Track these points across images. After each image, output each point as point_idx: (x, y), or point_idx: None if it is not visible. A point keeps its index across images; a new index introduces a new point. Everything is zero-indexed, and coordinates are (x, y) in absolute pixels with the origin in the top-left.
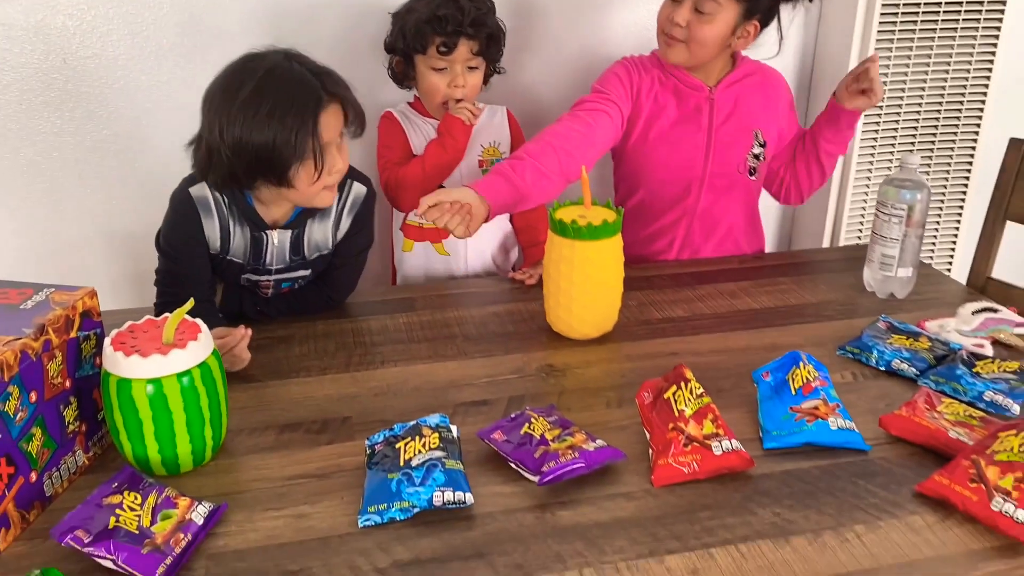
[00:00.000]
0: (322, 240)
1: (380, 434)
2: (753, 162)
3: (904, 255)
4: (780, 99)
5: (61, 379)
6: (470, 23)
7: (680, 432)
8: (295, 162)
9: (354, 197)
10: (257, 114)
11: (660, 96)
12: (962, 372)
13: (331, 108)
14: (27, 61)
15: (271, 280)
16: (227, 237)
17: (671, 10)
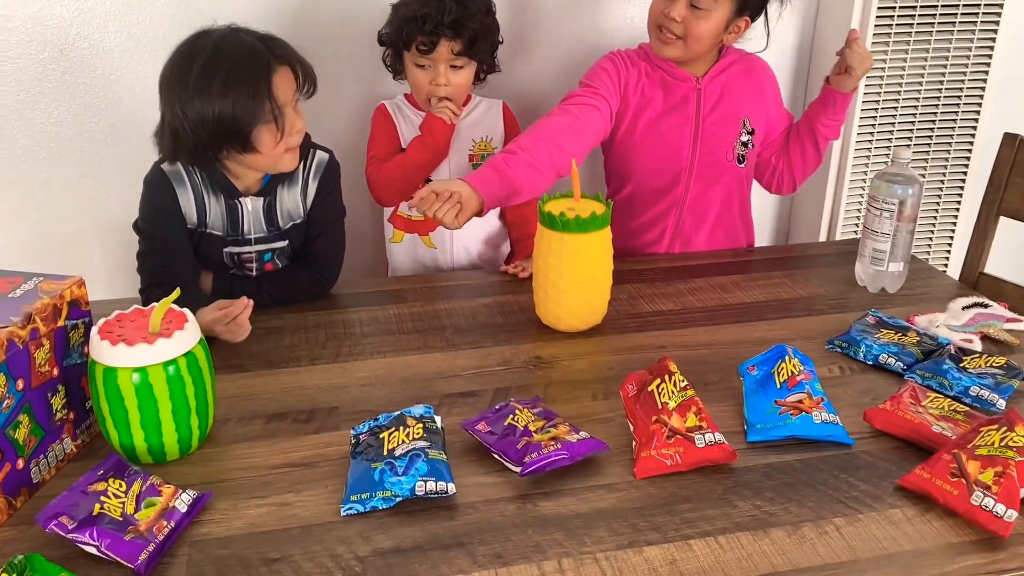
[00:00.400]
0: (293, 208)
1: (365, 424)
2: (741, 149)
3: (895, 250)
4: (766, 86)
5: (49, 367)
6: (449, 24)
7: (663, 424)
8: (255, 125)
9: (318, 162)
10: (212, 86)
11: (647, 88)
12: (949, 367)
13: (281, 71)
14: (24, 51)
15: (252, 252)
16: (203, 208)
17: (666, 5)
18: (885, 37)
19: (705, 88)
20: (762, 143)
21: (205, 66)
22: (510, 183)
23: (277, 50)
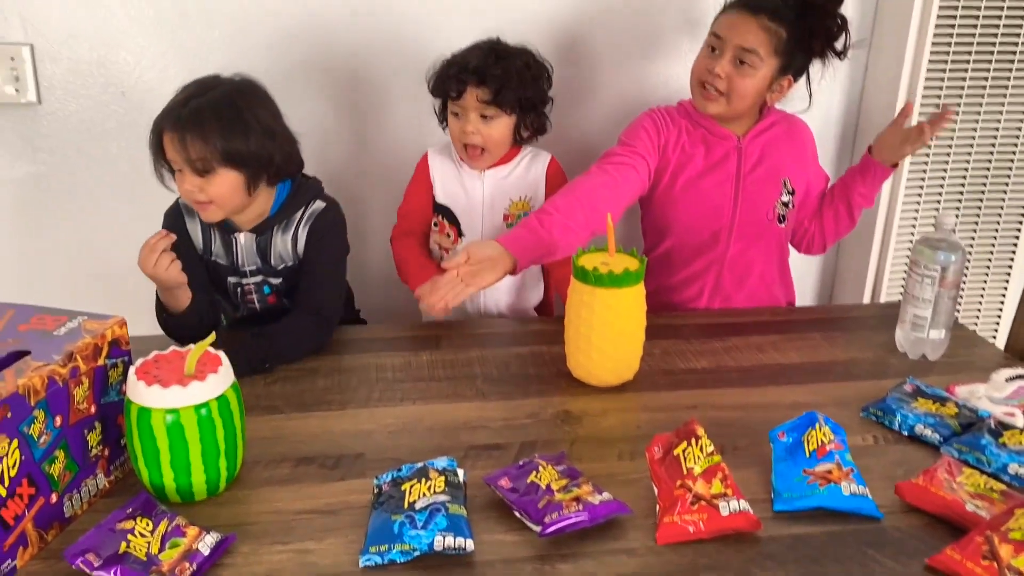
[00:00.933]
0: (284, 251)
1: (388, 474)
2: (782, 210)
3: (937, 317)
4: (807, 146)
5: (87, 404)
6: (473, 70)
7: (688, 490)
8: (158, 166)
9: (312, 210)
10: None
11: (688, 145)
12: (988, 441)
13: (172, 136)
14: (89, 92)
15: (251, 284)
16: (208, 239)
17: (710, 62)
18: (935, 99)
19: (746, 147)
20: (801, 204)
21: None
22: (544, 244)
23: (183, 119)
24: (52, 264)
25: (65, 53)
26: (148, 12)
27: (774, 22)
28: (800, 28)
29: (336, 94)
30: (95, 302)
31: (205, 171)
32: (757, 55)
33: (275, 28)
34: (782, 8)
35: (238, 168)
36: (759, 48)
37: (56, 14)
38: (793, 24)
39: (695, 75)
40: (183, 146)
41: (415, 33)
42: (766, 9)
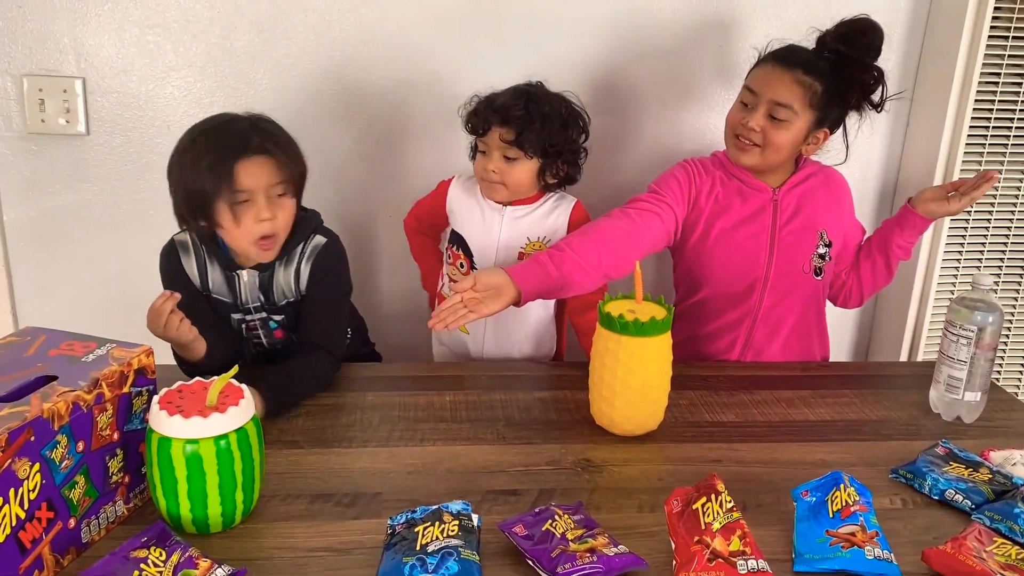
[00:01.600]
0: (287, 287)
1: (402, 515)
2: (819, 262)
3: (972, 378)
4: (843, 199)
5: (110, 431)
6: (496, 109)
7: (705, 546)
8: (215, 201)
9: (313, 246)
10: (188, 156)
11: (722, 197)
12: (1021, 511)
13: (256, 159)
14: (135, 125)
15: (255, 319)
16: (204, 275)
17: (744, 115)
18: (978, 156)
19: (782, 199)
20: (838, 256)
21: (191, 139)
22: (552, 280)
23: (260, 140)
24: (93, 291)
25: (115, 87)
26: (196, 50)
27: (808, 75)
28: (836, 81)
29: (364, 132)
30: (132, 330)
31: (280, 196)
32: (791, 109)
33: (314, 68)
34: (816, 62)
35: (296, 197)
36: (793, 103)
37: (108, 50)
38: (828, 77)
39: (729, 127)
40: (270, 169)
41: (454, 76)
42: (800, 63)
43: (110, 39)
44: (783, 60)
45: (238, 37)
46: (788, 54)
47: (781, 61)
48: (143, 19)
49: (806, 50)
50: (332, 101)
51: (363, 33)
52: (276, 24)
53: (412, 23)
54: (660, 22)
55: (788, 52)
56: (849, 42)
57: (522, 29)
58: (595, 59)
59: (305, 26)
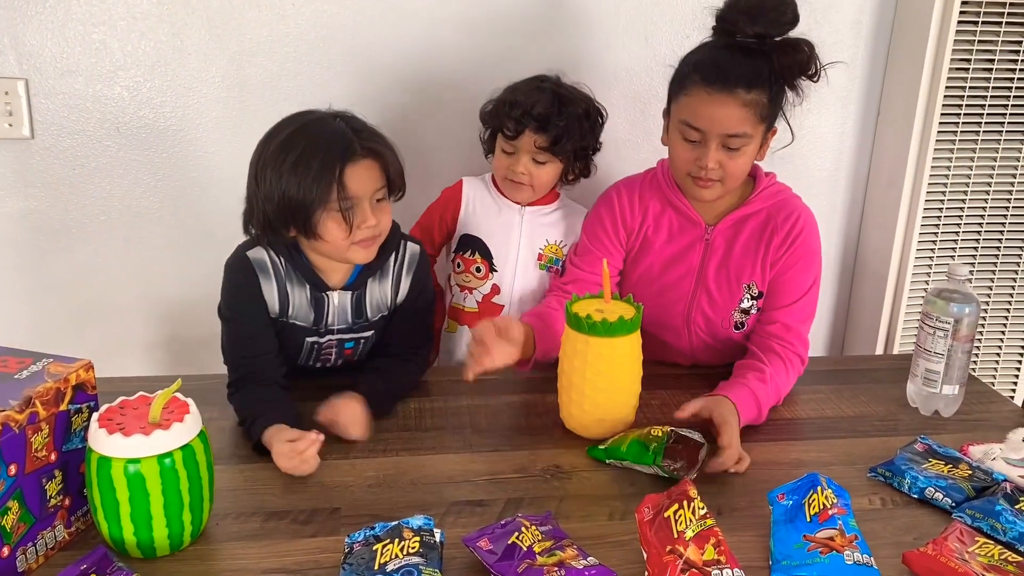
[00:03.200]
0: (382, 300)
1: (361, 532)
2: (740, 316)
3: (950, 371)
4: (783, 243)
5: (46, 452)
6: (536, 116)
7: (679, 556)
8: (318, 210)
9: (410, 255)
10: (286, 161)
11: (652, 231)
12: (1003, 508)
13: (363, 163)
14: (83, 128)
15: (333, 340)
16: (286, 299)
17: (695, 154)
18: (949, 144)
19: (715, 239)
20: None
21: (285, 141)
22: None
23: (366, 142)
24: (41, 302)
25: (60, 88)
26: (145, 48)
27: (752, 91)
28: (774, 76)
29: None
30: (85, 341)
31: (380, 200)
32: (746, 136)
33: (270, 64)
34: (752, 66)
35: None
36: (746, 128)
37: (52, 49)
38: (767, 78)
39: (680, 168)
40: (376, 173)
41: (416, 70)
42: (740, 79)
43: (53, 38)
44: (719, 81)
45: (189, 35)
46: (720, 71)
47: (716, 83)
48: (87, 16)
49: (733, 54)
50: (289, 99)
51: (319, 28)
52: (228, 20)
53: (370, 15)
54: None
55: (718, 68)
56: (757, 19)
57: (484, 22)
58: (567, 56)
59: (259, 22)
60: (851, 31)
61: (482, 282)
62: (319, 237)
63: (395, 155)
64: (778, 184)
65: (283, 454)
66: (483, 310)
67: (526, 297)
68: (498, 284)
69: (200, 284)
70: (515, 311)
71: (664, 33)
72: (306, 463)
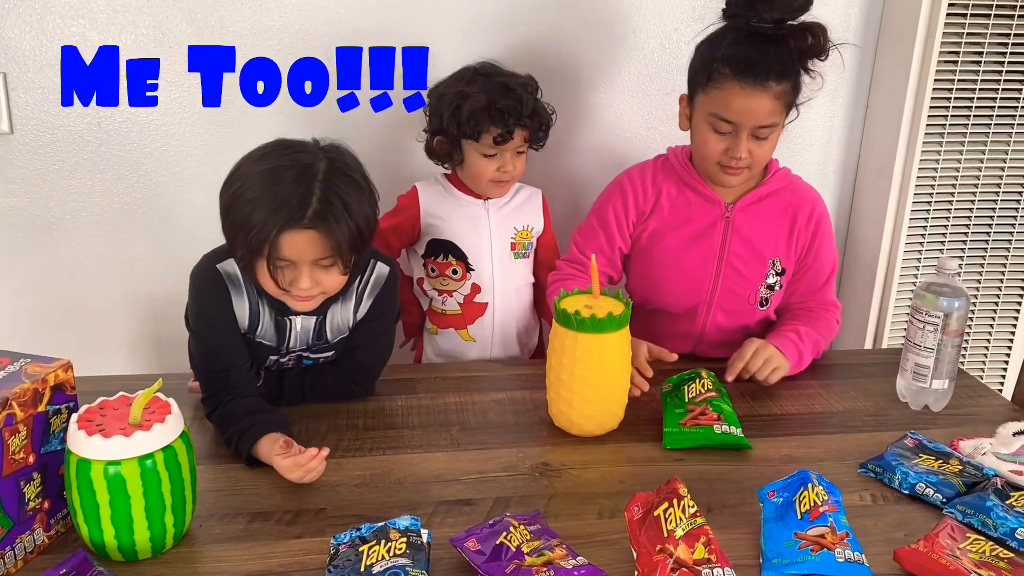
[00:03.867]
0: (343, 323)
1: (347, 533)
2: (766, 292)
3: (940, 366)
4: (811, 225)
5: (24, 454)
6: (528, 113)
7: (668, 555)
8: (253, 258)
9: (376, 277)
10: (245, 190)
11: (671, 211)
12: (993, 503)
13: (306, 233)
14: (63, 123)
15: (292, 358)
16: (256, 318)
17: (726, 144)
18: (938, 138)
19: (735, 217)
20: (795, 284)
21: (257, 170)
22: None
23: (323, 207)
24: (21, 300)
25: (39, 82)
26: (125, 41)
27: (782, 82)
28: (796, 66)
29: (309, 125)
30: (66, 339)
31: (328, 267)
32: (775, 125)
33: (252, 59)
34: (779, 54)
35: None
36: (777, 119)
37: (30, 42)
38: (792, 66)
39: (709, 158)
40: (324, 244)
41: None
42: (771, 72)
43: (31, 31)
44: (750, 74)
45: (170, 28)
46: (751, 64)
47: (748, 77)
48: (66, 9)
49: (758, 46)
50: (275, 92)
51: (303, 20)
52: (211, 13)
53: (353, 7)
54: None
55: (749, 59)
56: (774, 5)
57: (469, 16)
58: (535, 44)
59: (241, 15)
60: (840, 23)
61: (460, 283)
62: (255, 279)
63: (352, 223)
64: (785, 168)
65: (287, 468)
66: (466, 312)
67: (508, 290)
68: (477, 283)
69: (183, 282)
70: (500, 306)
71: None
72: (313, 471)
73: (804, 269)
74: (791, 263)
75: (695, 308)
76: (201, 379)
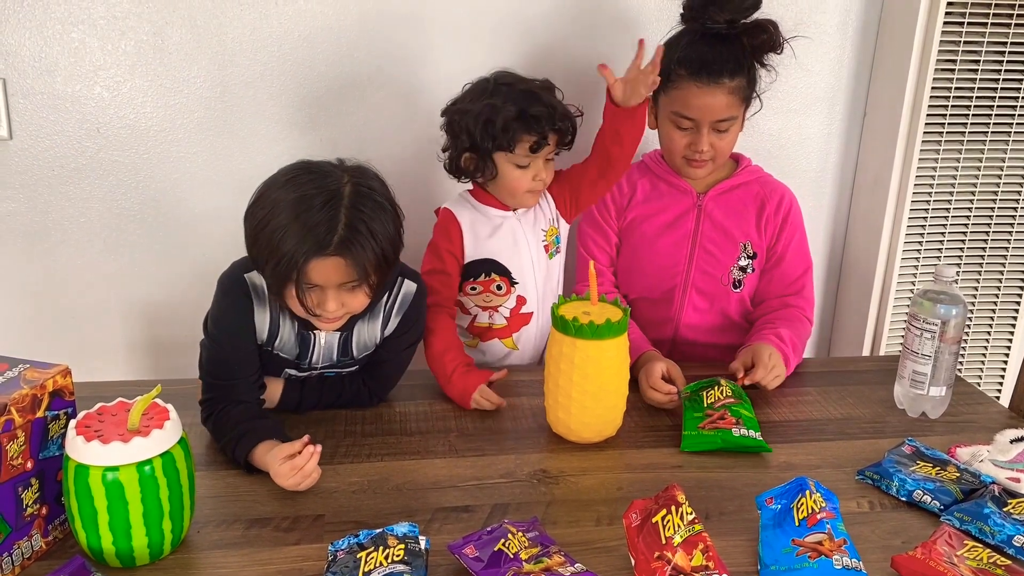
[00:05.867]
0: (370, 339)
1: (345, 540)
2: (738, 274)
3: (937, 373)
4: (780, 218)
5: (22, 460)
6: (560, 117)
7: (667, 562)
8: (281, 282)
9: (403, 295)
10: (272, 218)
11: (646, 202)
12: (991, 510)
13: (332, 260)
14: (62, 128)
15: (313, 372)
16: (275, 330)
17: (689, 139)
18: (935, 145)
19: (707, 205)
20: (767, 277)
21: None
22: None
23: (348, 233)
24: (20, 305)
25: (39, 88)
26: (125, 47)
27: (735, 78)
28: (749, 62)
29: (306, 132)
30: (64, 345)
31: (353, 288)
32: (733, 118)
33: (252, 64)
34: (732, 52)
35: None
36: (734, 112)
37: (30, 48)
38: (744, 62)
39: (675, 152)
40: (350, 269)
41: (401, 70)
42: (724, 70)
43: (31, 37)
44: (705, 73)
45: (170, 34)
46: (704, 64)
47: (703, 76)
48: (66, 15)
49: (712, 46)
50: (272, 100)
51: (302, 28)
52: (211, 19)
53: (355, 14)
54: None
55: (703, 61)
56: (724, 6)
57: (468, 23)
58: (545, 47)
59: (241, 21)
60: (837, 31)
61: (505, 298)
62: (283, 301)
63: (377, 246)
64: (757, 165)
65: (283, 474)
66: (513, 323)
67: (548, 294)
68: (523, 295)
69: (181, 287)
70: (541, 312)
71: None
72: (308, 477)
73: (775, 258)
74: (762, 248)
75: (672, 291)
76: (205, 381)
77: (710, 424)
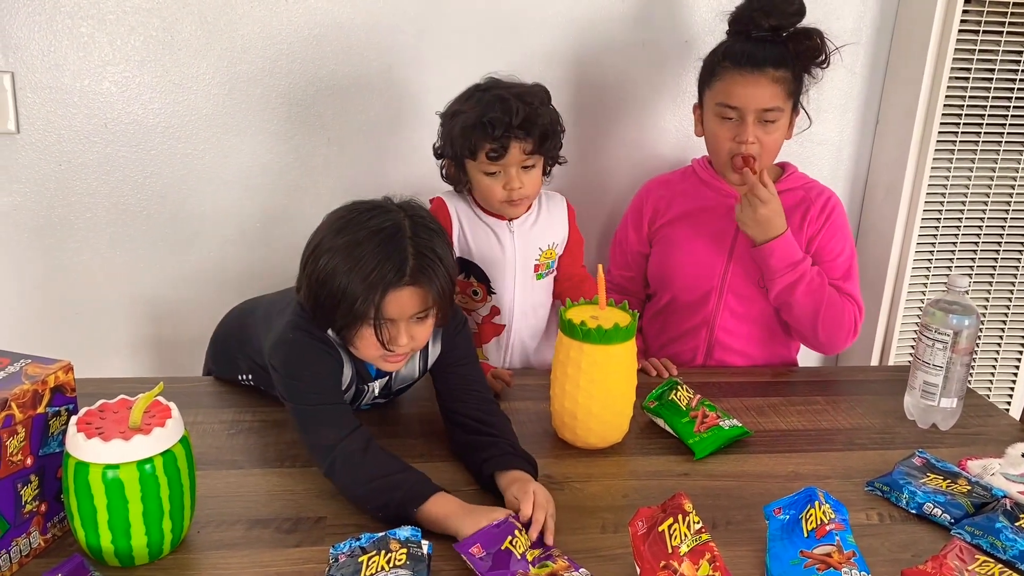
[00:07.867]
0: (409, 375)
1: (347, 543)
2: None
3: (948, 384)
4: (820, 214)
5: (22, 456)
6: (519, 124)
7: (672, 571)
8: (354, 325)
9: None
10: (337, 264)
11: (685, 205)
12: (1003, 525)
13: (407, 291)
14: (70, 124)
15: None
16: (349, 384)
17: (733, 131)
18: (948, 154)
19: None
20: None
21: (351, 239)
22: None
23: (418, 270)
24: (24, 300)
25: (47, 82)
26: (134, 43)
27: (779, 69)
28: (794, 61)
29: (315, 130)
30: (68, 340)
31: (422, 319)
32: (779, 110)
33: (262, 61)
34: (776, 49)
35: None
36: (779, 103)
37: (39, 43)
38: (790, 60)
39: (720, 149)
40: (422, 299)
41: (409, 70)
42: (768, 59)
43: (40, 31)
44: (748, 62)
45: (180, 30)
46: (748, 54)
47: (747, 64)
48: (76, 10)
49: (757, 41)
50: (280, 98)
51: (312, 26)
52: (220, 15)
53: (365, 13)
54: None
55: (746, 52)
56: (771, 14)
57: (478, 22)
58: (559, 54)
59: (251, 18)
60: (851, 37)
61: (480, 304)
62: (353, 345)
63: (446, 273)
64: (802, 173)
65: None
66: (483, 331)
67: (527, 311)
68: (497, 306)
69: (186, 284)
70: (517, 326)
71: None
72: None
73: (817, 256)
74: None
75: (708, 293)
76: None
77: (702, 426)
